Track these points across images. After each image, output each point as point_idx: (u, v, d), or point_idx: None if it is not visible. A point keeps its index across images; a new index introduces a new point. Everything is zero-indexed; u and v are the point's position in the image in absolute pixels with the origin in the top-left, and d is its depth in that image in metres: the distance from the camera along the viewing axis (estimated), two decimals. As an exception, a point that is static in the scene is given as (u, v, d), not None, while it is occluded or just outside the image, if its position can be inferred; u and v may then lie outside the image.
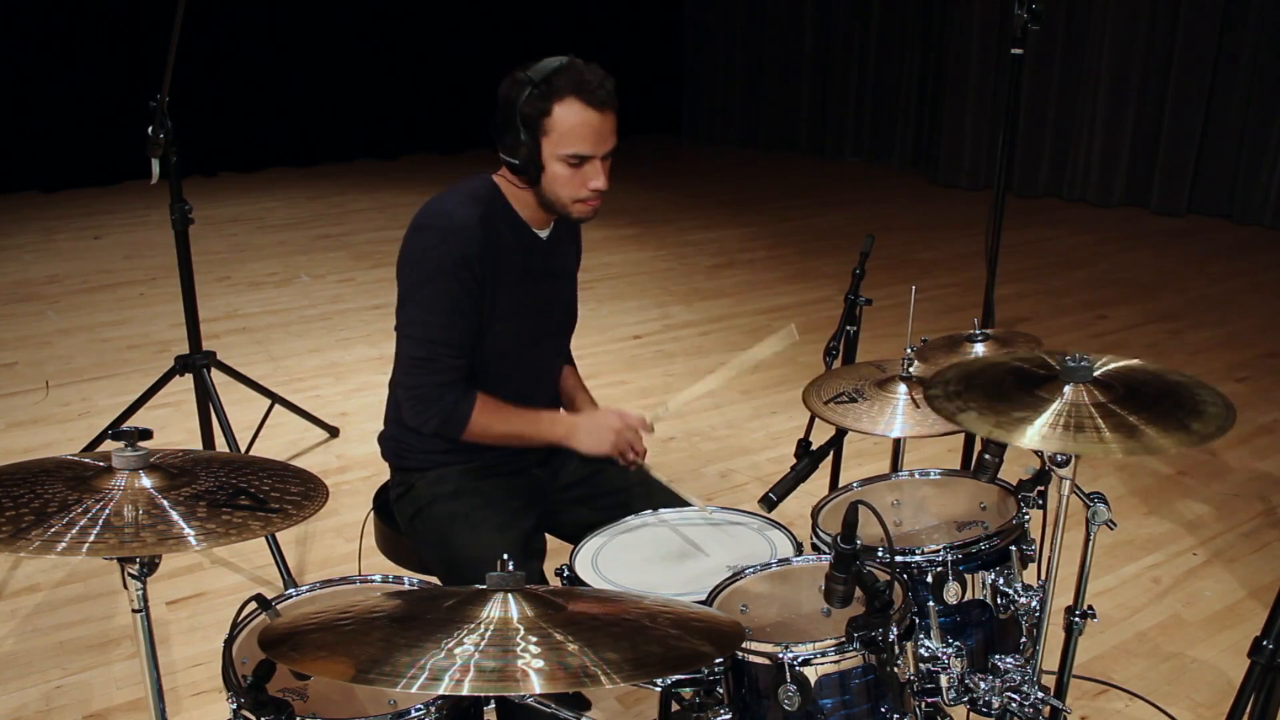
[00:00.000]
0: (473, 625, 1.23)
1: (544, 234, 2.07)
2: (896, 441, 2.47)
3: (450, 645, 1.18)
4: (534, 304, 2.07)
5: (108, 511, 1.33)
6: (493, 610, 1.27)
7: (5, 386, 4.34)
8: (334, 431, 3.87)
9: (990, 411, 1.63)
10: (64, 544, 1.27)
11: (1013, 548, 1.84)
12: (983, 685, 1.74)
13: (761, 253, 6.55)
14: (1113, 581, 2.98)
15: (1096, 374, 1.69)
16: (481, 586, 1.33)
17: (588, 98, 1.86)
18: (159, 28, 3.60)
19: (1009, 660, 1.77)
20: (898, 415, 2.03)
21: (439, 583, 2.04)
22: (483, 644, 1.19)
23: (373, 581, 1.73)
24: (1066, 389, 1.64)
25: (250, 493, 1.45)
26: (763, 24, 9.93)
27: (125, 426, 1.47)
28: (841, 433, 2.40)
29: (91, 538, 1.28)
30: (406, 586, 1.71)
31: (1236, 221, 7.18)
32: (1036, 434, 1.56)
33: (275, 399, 3.67)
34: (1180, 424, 1.56)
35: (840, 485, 2.20)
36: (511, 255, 2.00)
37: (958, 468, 2.47)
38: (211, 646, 2.66)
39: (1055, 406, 1.61)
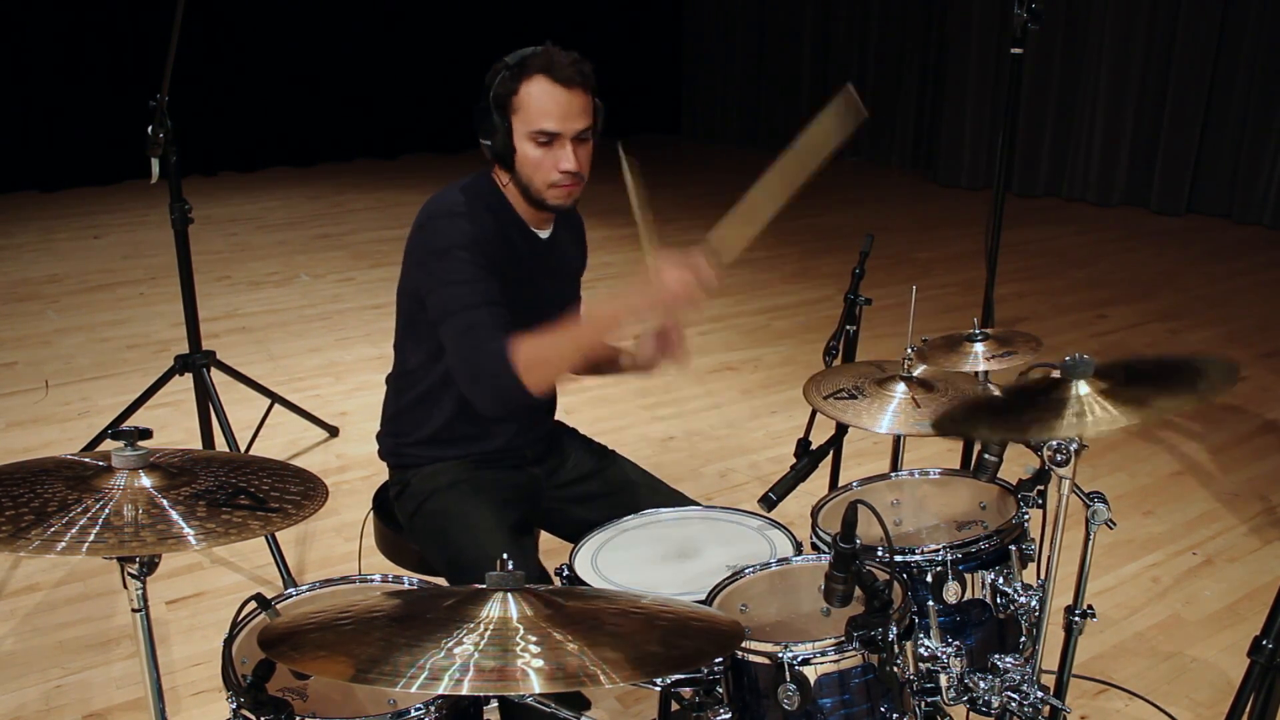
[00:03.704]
0: (472, 625, 1.23)
1: (544, 234, 2.07)
2: (896, 441, 2.47)
3: (450, 645, 1.18)
4: (529, 301, 2.06)
5: (108, 511, 1.33)
6: (492, 610, 1.27)
7: (5, 386, 4.34)
8: (334, 431, 3.87)
9: (1001, 423, 1.62)
10: (64, 543, 1.27)
11: (1012, 547, 1.84)
12: (982, 685, 1.74)
13: (761, 252, 6.55)
14: (1112, 581, 2.98)
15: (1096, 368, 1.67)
16: (481, 586, 1.33)
17: (554, 74, 1.87)
18: (159, 27, 3.59)
19: (1008, 660, 1.77)
20: (897, 414, 2.03)
21: (440, 581, 2.04)
22: (482, 644, 1.19)
23: (373, 581, 1.73)
24: (1072, 387, 1.62)
25: (250, 492, 1.45)
26: (763, 24, 9.93)
27: (125, 426, 1.47)
28: (841, 432, 2.40)
29: (91, 537, 1.28)
30: (406, 586, 1.71)
31: (1236, 221, 7.18)
32: (1047, 428, 1.55)
33: (275, 399, 3.67)
34: (1186, 387, 1.56)
35: (840, 485, 2.20)
36: (510, 249, 2.00)
37: (958, 467, 2.47)
38: (211, 646, 2.67)
39: (1066, 402, 1.59)
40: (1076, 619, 1.95)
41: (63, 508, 1.33)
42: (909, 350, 2.13)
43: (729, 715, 1.43)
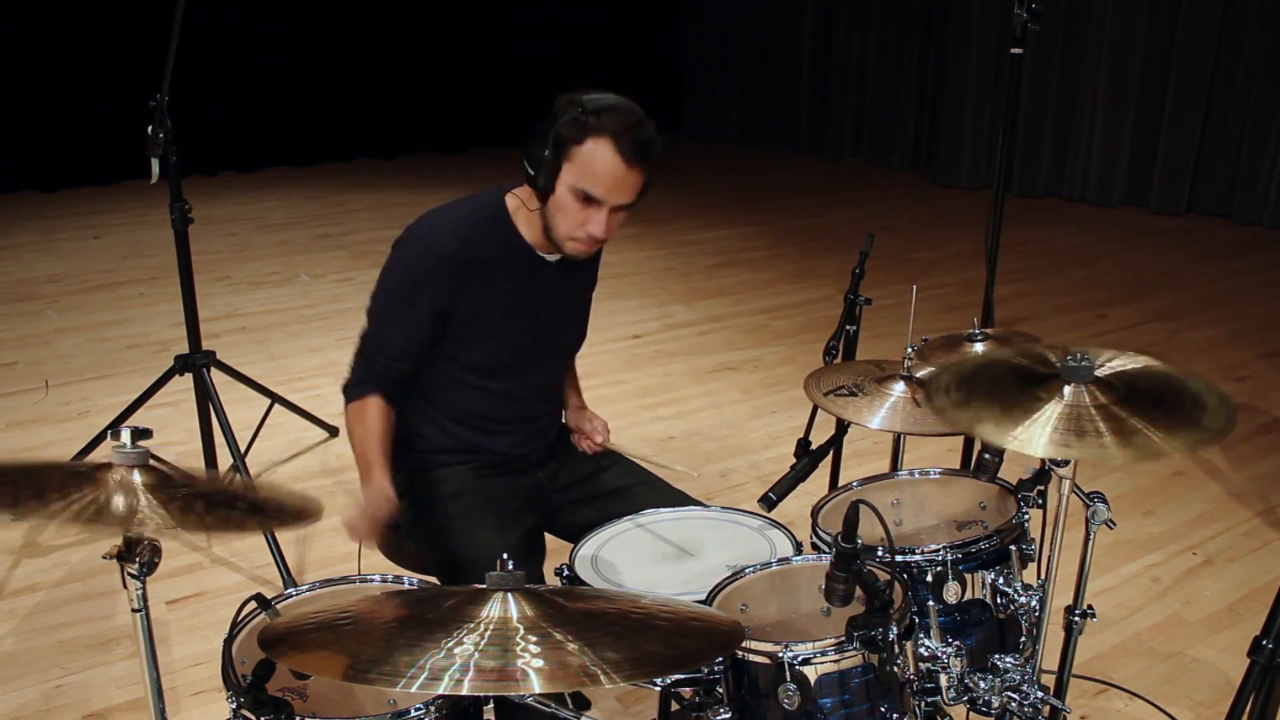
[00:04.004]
0: (472, 625, 1.23)
1: (552, 257, 2.04)
2: (896, 440, 2.47)
3: (450, 645, 1.18)
4: (530, 327, 2.05)
5: (106, 498, 1.33)
6: (492, 610, 1.27)
7: (5, 386, 4.34)
8: (333, 431, 3.87)
9: (1006, 418, 1.58)
10: (66, 516, 1.27)
11: (1012, 547, 1.84)
12: (982, 685, 1.74)
13: (761, 252, 6.55)
14: (1112, 581, 2.98)
15: (1099, 374, 1.65)
16: (481, 586, 1.33)
17: (623, 146, 1.83)
18: (159, 27, 3.61)
19: (1009, 660, 1.77)
20: (897, 412, 2.03)
21: (439, 583, 2.04)
22: (482, 644, 1.19)
23: (373, 581, 1.73)
24: (1067, 390, 1.60)
25: (248, 497, 1.45)
26: (763, 23, 9.93)
27: (125, 426, 1.47)
28: (841, 432, 2.40)
29: (90, 513, 1.28)
30: (406, 586, 1.71)
31: (1236, 221, 7.18)
32: (1039, 440, 1.52)
33: (275, 399, 3.67)
34: (1183, 424, 1.53)
35: (840, 485, 2.20)
36: (503, 281, 1.99)
37: (958, 467, 2.47)
38: (211, 646, 2.66)
39: (1054, 409, 1.56)
40: (1076, 619, 1.95)
41: (63, 492, 1.33)
42: (909, 350, 2.13)
43: (729, 715, 1.43)
